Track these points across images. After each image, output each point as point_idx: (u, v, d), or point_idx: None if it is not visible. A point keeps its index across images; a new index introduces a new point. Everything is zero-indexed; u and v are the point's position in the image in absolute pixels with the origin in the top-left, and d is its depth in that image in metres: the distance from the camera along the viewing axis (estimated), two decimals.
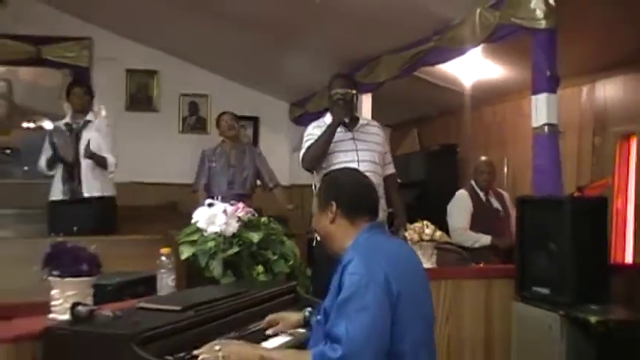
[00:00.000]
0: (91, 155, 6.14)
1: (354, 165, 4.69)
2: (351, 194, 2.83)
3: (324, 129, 4.88)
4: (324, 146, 4.82)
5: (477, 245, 5.90)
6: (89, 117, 6.41)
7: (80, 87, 6.61)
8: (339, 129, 4.86)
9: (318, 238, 4.32)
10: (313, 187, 5.02)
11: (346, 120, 4.88)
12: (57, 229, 5.92)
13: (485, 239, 5.92)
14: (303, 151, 4.96)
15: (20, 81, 9.17)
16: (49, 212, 6.40)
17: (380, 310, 2.48)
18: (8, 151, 9.15)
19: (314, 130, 4.98)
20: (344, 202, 2.80)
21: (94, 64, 9.08)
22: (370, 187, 2.94)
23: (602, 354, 3.90)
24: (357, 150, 4.88)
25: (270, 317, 3.16)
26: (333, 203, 2.80)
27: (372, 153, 4.93)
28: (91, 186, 6.25)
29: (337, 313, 2.52)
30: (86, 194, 6.23)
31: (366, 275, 2.51)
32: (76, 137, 6.21)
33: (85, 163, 6.20)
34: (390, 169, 5.19)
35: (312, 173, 5.01)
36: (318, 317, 2.77)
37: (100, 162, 6.23)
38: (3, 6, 7.49)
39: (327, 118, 5.00)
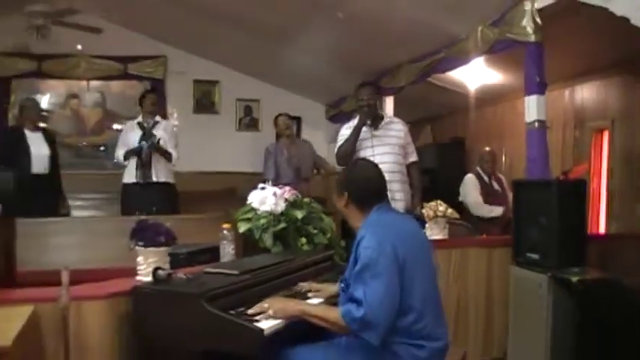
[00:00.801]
0: (157, 148, 6.17)
1: (380, 157, 4.70)
2: (360, 187, 2.85)
3: (352, 130, 4.87)
4: (351, 145, 4.81)
5: (492, 215, 5.87)
6: (157, 118, 6.41)
7: (151, 94, 6.60)
8: (363, 129, 4.84)
9: None
10: None
11: (368, 122, 4.85)
12: (129, 208, 6.02)
13: (498, 209, 5.90)
14: (336, 149, 4.95)
15: (111, 92, 9.26)
16: (122, 193, 6.39)
17: (390, 276, 2.53)
18: (102, 148, 9.24)
19: (345, 131, 4.95)
20: (354, 193, 2.84)
21: (167, 76, 9.18)
22: (378, 179, 2.93)
23: (582, 306, 3.91)
24: (372, 146, 4.83)
25: (312, 286, 3.19)
26: (346, 193, 2.84)
27: (390, 147, 4.87)
28: (159, 173, 6.25)
29: (356, 281, 2.56)
30: (155, 179, 6.23)
31: (376, 248, 2.56)
32: (148, 134, 6.21)
33: (155, 155, 6.21)
34: (412, 158, 5.09)
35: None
36: (341, 286, 2.80)
37: (164, 154, 6.25)
38: (98, 33, 7.57)
39: (357, 120, 4.96)
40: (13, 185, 3.23)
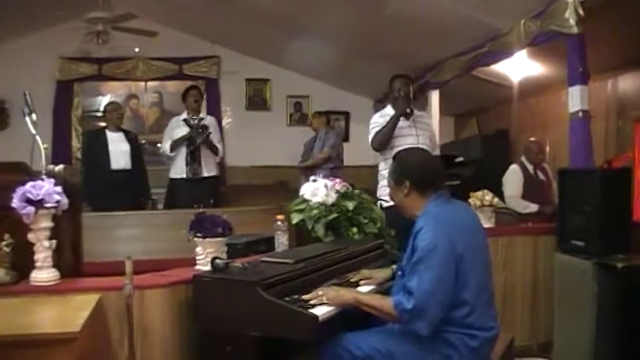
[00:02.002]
0: (207, 142, 6.20)
1: (414, 140, 4.74)
2: (421, 173, 2.78)
3: (386, 118, 4.80)
4: (389, 132, 4.74)
5: (526, 211, 5.78)
6: (202, 115, 6.45)
7: (193, 90, 6.54)
8: (400, 118, 4.80)
9: (384, 205, 4.34)
10: (379, 167, 4.96)
11: (408, 111, 4.78)
12: (176, 202, 6.10)
13: (533, 207, 5.76)
14: (371, 135, 4.86)
15: (168, 92, 9.38)
16: (171, 188, 6.45)
17: (445, 269, 2.50)
18: (159, 145, 9.37)
19: (379, 119, 4.88)
20: (415, 180, 2.76)
21: (221, 76, 9.26)
22: (436, 164, 2.92)
23: (626, 292, 3.82)
24: (417, 135, 4.80)
25: (363, 273, 3.18)
26: (407, 181, 2.77)
27: (426, 137, 4.85)
28: (209, 168, 6.30)
29: (411, 271, 2.54)
30: (205, 174, 6.27)
31: (433, 241, 2.52)
32: (199, 127, 6.23)
33: (204, 150, 6.24)
34: (437, 151, 5.10)
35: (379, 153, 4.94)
36: (398, 273, 2.79)
37: (212, 148, 6.29)
38: (154, 36, 7.67)
39: (389, 110, 4.90)
40: (79, 179, 3.29)
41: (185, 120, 6.32)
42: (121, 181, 6.07)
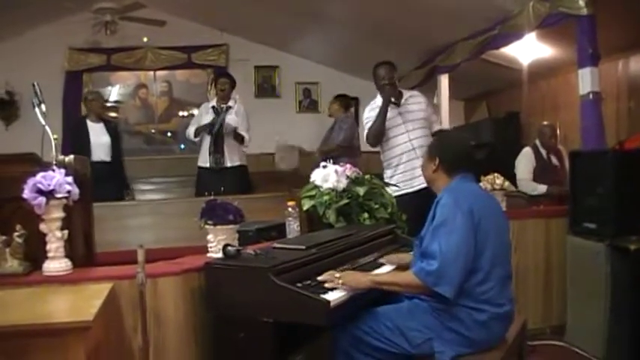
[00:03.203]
0: (232, 130, 6.16)
1: (404, 136, 4.70)
2: (452, 155, 2.86)
3: (377, 110, 4.74)
4: (380, 125, 4.68)
5: (535, 193, 5.76)
6: (230, 103, 6.38)
7: (222, 78, 6.57)
8: (390, 107, 4.70)
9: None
10: (382, 157, 4.93)
11: (393, 99, 4.71)
12: (203, 190, 5.99)
13: (542, 188, 5.76)
14: (365, 131, 4.83)
15: (177, 81, 9.40)
16: (198, 176, 6.43)
17: (465, 232, 2.55)
18: (169, 134, 9.40)
19: (370, 113, 4.82)
20: (445, 159, 2.84)
21: (230, 64, 9.22)
22: (469, 150, 2.99)
23: (639, 274, 3.81)
24: (404, 123, 4.73)
25: (389, 257, 3.24)
26: (437, 159, 2.85)
27: (418, 122, 4.75)
28: (232, 157, 6.27)
29: (432, 236, 2.59)
30: (228, 164, 6.26)
31: (454, 206, 2.59)
32: (221, 118, 6.20)
33: (227, 140, 6.23)
34: (437, 125, 4.98)
35: (377, 147, 4.89)
36: (416, 242, 2.81)
37: (237, 137, 6.24)
38: (162, 25, 7.67)
39: (378, 100, 4.83)
40: (90, 170, 3.29)
41: (214, 107, 6.32)
42: (101, 172, 5.72)
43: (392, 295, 2.82)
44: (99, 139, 6.15)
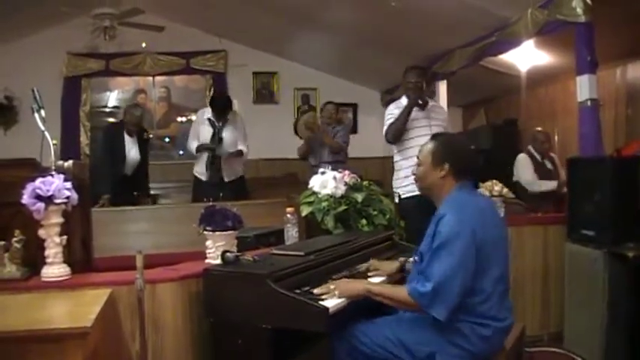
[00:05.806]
0: (229, 155, 6.12)
1: (427, 137, 4.67)
2: (463, 161, 2.77)
3: (402, 109, 4.79)
4: (402, 124, 4.73)
5: (543, 189, 5.80)
6: (228, 117, 6.21)
7: (221, 100, 6.39)
8: (414, 109, 4.76)
9: (403, 196, 4.39)
10: (394, 158, 4.95)
11: (420, 102, 4.77)
12: (202, 197, 5.99)
13: (552, 183, 5.81)
14: (386, 127, 4.86)
15: (175, 86, 9.42)
16: (195, 184, 6.38)
17: (466, 256, 2.49)
18: (167, 140, 9.40)
19: (394, 110, 4.86)
20: (456, 165, 2.73)
21: (228, 70, 9.25)
22: (476, 154, 2.91)
23: (637, 281, 3.81)
24: (430, 125, 4.76)
25: (372, 264, 3.17)
26: (447, 164, 2.72)
27: (440, 128, 4.76)
28: (230, 174, 6.21)
29: (431, 257, 2.54)
30: (226, 179, 6.19)
31: (456, 227, 2.52)
32: (219, 134, 6.12)
33: (225, 156, 6.14)
34: None
35: (394, 145, 4.93)
36: (415, 258, 2.76)
37: (236, 155, 6.19)
38: (161, 31, 7.68)
39: (404, 100, 4.88)
40: (88, 175, 3.30)
41: (210, 120, 6.18)
42: (128, 184, 6.06)
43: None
44: (131, 153, 6.16)
